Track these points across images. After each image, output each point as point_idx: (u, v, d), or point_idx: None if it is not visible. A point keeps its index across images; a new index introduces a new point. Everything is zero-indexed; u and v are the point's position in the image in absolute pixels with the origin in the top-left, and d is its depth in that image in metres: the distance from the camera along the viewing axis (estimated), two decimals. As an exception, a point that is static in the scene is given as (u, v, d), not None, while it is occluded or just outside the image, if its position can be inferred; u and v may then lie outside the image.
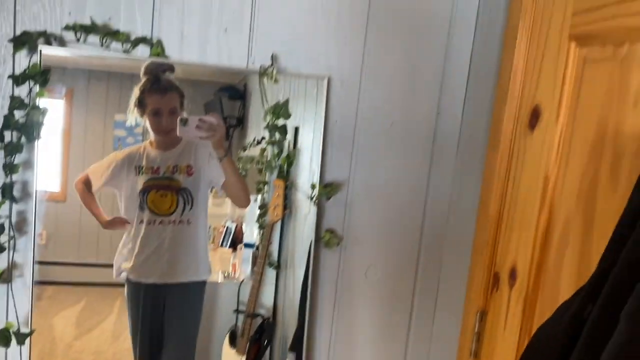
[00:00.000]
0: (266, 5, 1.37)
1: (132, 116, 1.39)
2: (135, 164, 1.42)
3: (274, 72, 1.36)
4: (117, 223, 1.44)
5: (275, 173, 1.49)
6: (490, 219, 1.30)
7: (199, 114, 1.35)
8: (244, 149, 1.55)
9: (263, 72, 1.37)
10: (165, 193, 1.41)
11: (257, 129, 1.52)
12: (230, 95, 1.50)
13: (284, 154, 1.45)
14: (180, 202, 1.41)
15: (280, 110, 1.39)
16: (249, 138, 1.55)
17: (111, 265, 1.47)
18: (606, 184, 0.96)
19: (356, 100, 1.47)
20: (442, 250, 1.59)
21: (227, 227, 1.63)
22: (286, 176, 1.50)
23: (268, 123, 1.41)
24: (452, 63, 1.50)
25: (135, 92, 1.37)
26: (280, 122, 1.40)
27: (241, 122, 1.54)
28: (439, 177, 1.55)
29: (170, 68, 1.35)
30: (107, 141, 1.46)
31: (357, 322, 1.59)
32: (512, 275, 1.22)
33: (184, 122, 1.31)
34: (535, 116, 1.18)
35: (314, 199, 1.46)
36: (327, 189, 1.46)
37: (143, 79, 1.35)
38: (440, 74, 1.50)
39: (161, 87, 1.36)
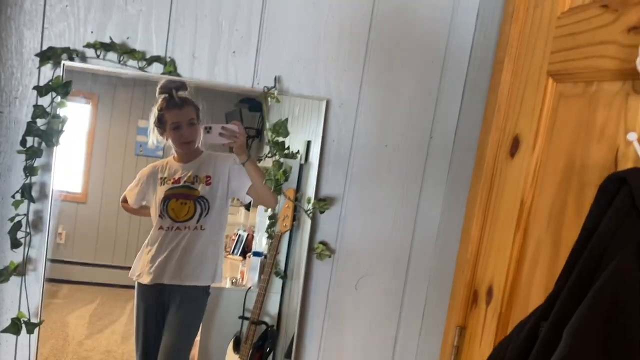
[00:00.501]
0: (272, 31, 1.48)
1: (153, 136, 1.48)
2: (159, 176, 1.50)
3: (276, 93, 1.47)
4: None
5: (273, 188, 1.55)
6: (472, 239, 1.37)
7: (221, 122, 1.44)
8: (259, 160, 1.60)
9: (266, 93, 1.47)
10: (185, 201, 1.48)
11: None
12: (250, 107, 1.56)
13: (282, 168, 1.53)
14: (197, 209, 1.48)
15: (280, 128, 1.48)
16: (266, 150, 1.59)
17: (126, 267, 1.52)
18: (572, 210, 1.03)
19: (353, 121, 1.56)
20: (430, 267, 1.67)
21: (239, 235, 1.68)
22: (297, 189, 1.56)
23: (269, 139, 1.50)
24: (445, 91, 1.59)
25: (154, 112, 1.46)
26: (280, 139, 1.49)
27: (260, 133, 1.60)
28: (430, 198, 1.63)
29: (183, 86, 1.43)
30: (129, 146, 1.52)
31: (346, 333, 1.65)
32: (489, 292, 1.29)
33: (208, 129, 1.41)
34: (515, 145, 1.26)
35: (309, 212, 1.55)
36: (320, 203, 1.55)
37: (159, 99, 1.44)
38: (434, 101, 1.59)
39: (177, 103, 1.44)
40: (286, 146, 1.50)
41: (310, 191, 1.57)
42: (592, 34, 1.03)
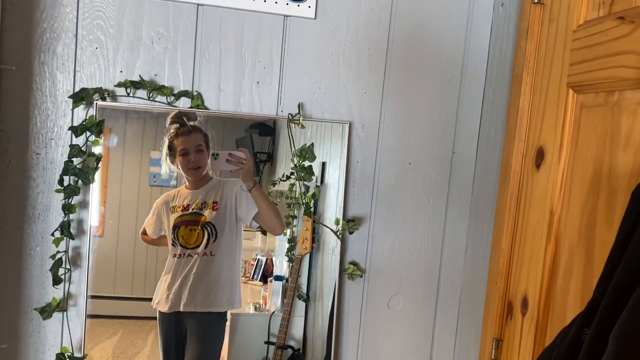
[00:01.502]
0: (293, 60, 1.52)
1: (166, 165, 1.50)
2: (170, 204, 1.53)
3: (301, 119, 1.51)
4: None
5: (302, 210, 1.58)
6: (503, 251, 1.39)
7: (231, 149, 1.48)
8: (274, 184, 1.62)
9: (291, 119, 1.51)
10: (194, 227, 1.50)
11: (286, 164, 1.60)
12: (260, 131, 1.58)
13: (310, 192, 1.56)
14: (205, 235, 1.50)
15: (306, 153, 1.52)
16: (278, 173, 1.61)
17: (145, 299, 1.54)
18: (603, 217, 1.05)
19: (375, 142, 1.59)
20: (461, 281, 1.68)
21: (258, 260, 1.68)
22: (314, 210, 1.58)
23: (295, 164, 1.53)
24: (465, 107, 1.63)
25: (165, 141, 1.49)
26: (307, 163, 1.53)
27: (271, 157, 1.61)
28: (456, 212, 1.66)
29: (193, 115, 1.47)
30: (143, 177, 1.54)
31: (381, 352, 1.66)
32: (524, 304, 1.30)
33: (215, 156, 1.45)
34: (540, 156, 1.28)
35: (338, 233, 1.57)
36: (349, 224, 1.57)
37: (170, 129, 1.48)
38: (454, 118, 1.63)
39: (187, 130, 1.48)
40: (313, 170, 1.54)
41: (329, 212, 1.59)
42: (610, 45, 1.05)
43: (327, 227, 1.58)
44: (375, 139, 1.59)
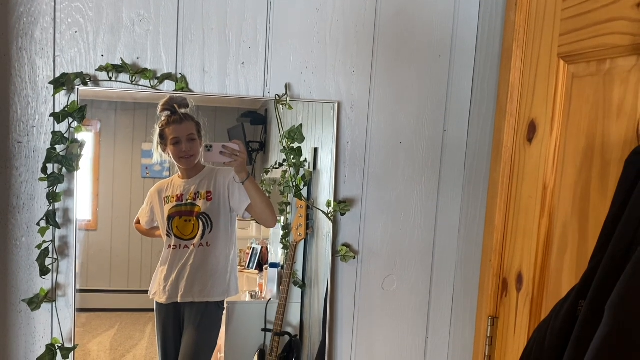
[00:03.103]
0: (278, 40, 1.49)
1: (157, 153, 1.48)
2: (163, 194, 1.51)
3: (288, 99, 1.48)
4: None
5: (292, 193, 1.55)
6: (496, 227, 1.38)
7: (223, 140, 1.46)
8: (267, 172, 1.60)
9: (278, 100, 1.48)
10: (189, 218, 1.48)
11: (278, 152, 1.58)
12: (252, 120, 1.56)
13: (300, 174, 1.54)
14: (200, 226, 1.48)
15: (295, 134, 1.49)
16: (271, 161, 1.60)
17: (141, 291, 1.53)
18: (597, 189, 1.03)
19: (365, 122, 1.57)
20: (455, 259, 1.67)
21: (253, 249, 1.68)
22: (307, 196, 1.57)
23: (284, 146, 1.51)
24: (455, 84, 1.60)
25: (156, 129, 1.46)
26: (295, 145, 1.50)
27: (263, 146, 1.60)
28: (449, 191, 1.64)
29: (185, 103, 1.44)
30: (135, 169, 1.52)
31: (376, 333, 1.66)
32: (519, 280, 1.29)
33: (209, 148, 1.42)
34: (532, 130, 1.27)
35: (330, 215, 1.55)
36: (341, 206, 1.55)
37: (161, 116, 1.45)
38: (445, 95, 1.60)
39: (178, 119, 1.45)
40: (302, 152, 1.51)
41: (323, 197, 1.57)
42: (600, 12, 1.03)
43: (318, 209, 1.56)
44: (365, 119, 1.57)
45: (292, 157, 1.50)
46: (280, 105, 1.48)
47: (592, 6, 1.05)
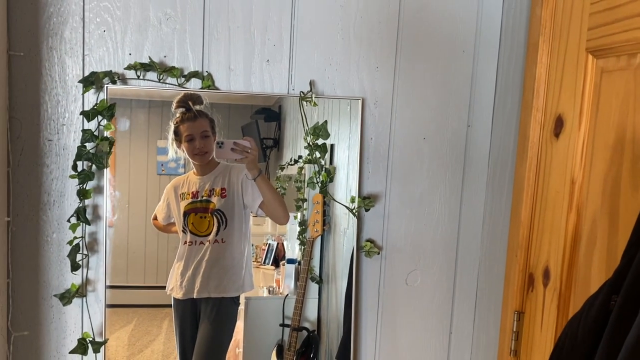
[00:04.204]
0: (303, 37, 1.50)
1: (172, 149, 1.50)
2: (179, 191, 1.52)
3: (313, 96, 1.49)
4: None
5: (317, 189, 1.56)
6: (522, 222, 1.37)
7: (236, 137, 1.46)
8: (282, 169, 1.61)
9: (303, 97, 1.49)
10: (204, 215, 1.50)
11: (292, 148, 1.59)
12: (266, 117, 1.57)
13: (324, 170, 1.55)
14: (215, 222, 1.50)
15: (320, 131, 1.50)
16: (285, 158, 1.61)
17: (158, 287, 1.56)
18: (627, 183, 1.03)
19: (389, 118, 1.57)
20: (479, 254, 1.67)
21: (269, 245, 1.69)
22: (319, 192, 1.57)
23: (309, 143, 1.52)
24: (479, 78, 1.60)
25: (171, 126, 1.48)
26: (320, 141, 1.51)
27: (277, 142, 1.61)
28: (473, 186, 1.64)
29: (199, 99, 1.45)
30: (151, 166, 1.53)
31: (400, 328, 1.66)
32: (546, 275, 1.29)
33: (220, 144, 1.43)
34: (559, 125, 1.26)
35: (354, 210, 1.56)
36: (365, 201, 1.56)
37: (176, 113, 1.46)
38: (469, 90, 1.60)
39: (192, 115, 1.46)
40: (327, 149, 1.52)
41: (340, 193, 1.58)
42: (631, 6, 1.03)
43: (343, 204, 1.57)
44: (388, 115, 1.57)
45: (316, 153, 1.51)
46: (305, 102, 1.49)
47: (622, 0, 1.05)
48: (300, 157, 1.58)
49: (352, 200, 1.56)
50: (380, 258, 1.62)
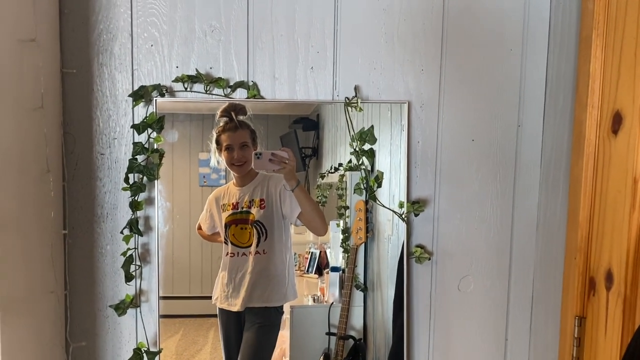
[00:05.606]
0: (346, 43, 1.49)
1: (214, 157, 1.52)
2: (220, 202, 1.54)
3: (359, 101, 1.48)
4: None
5: (364, 196, 1.55)
6: (581, 224, 1.32)
7: (275, 147, 1.46)
8: (322, 177, 1.61)
9: (348, 103, 1.48)
10: (244, 226, 1.51)
11: (332, 156, 1.59)
12: (304, 126, 1.58)
13: (373, 175, 1.53)
14: (255, 234, 1.50)
15: (367, 136, 1.49)
16: (325, 166, 1.61)
17: (203, 297, 1.58)
18: (697, 180, 0.98)
19: (436, 121, 1.55)
20: (533, 258, 1.62)
21: (312, 254, 1.69)
22: (366, 199, 1.56)
23: (355, 149, 1.51)
24: (528, 77, 1.56)
25: (213, 134, 1.50)
26: (367, 146, 1.50)
27: (316, 151, 1.61)
28: (525, 187, 1.59)
29: (242, 110, 1.47)
30: (193, 178, 1.57)
31: (453, 334, 1.63)
32: (609, 278, 1.24)
33: (258, 155, 1.43)
34: (617, 121, 1.21)
35: (404, 215, 1.54)
36: (414, 206, 1.54)
37: (219, 122, 1.48)
38: (518, 89, 1.56)
39: (233, 126, 1.48)
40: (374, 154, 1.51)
41: (382, 199, 1.56)
42: (695, -6, 0.98)
43: (392, 210, 1.55)
44: (435, 117, 1.55)
45: (362, 158, 1.50)
46: (350, 108, 1.48)
47: (684, -12, 1.00)
48: (340, 164, 1.57)
49: (401, 206, 1.54)
50: (431, 264, 1.59)
